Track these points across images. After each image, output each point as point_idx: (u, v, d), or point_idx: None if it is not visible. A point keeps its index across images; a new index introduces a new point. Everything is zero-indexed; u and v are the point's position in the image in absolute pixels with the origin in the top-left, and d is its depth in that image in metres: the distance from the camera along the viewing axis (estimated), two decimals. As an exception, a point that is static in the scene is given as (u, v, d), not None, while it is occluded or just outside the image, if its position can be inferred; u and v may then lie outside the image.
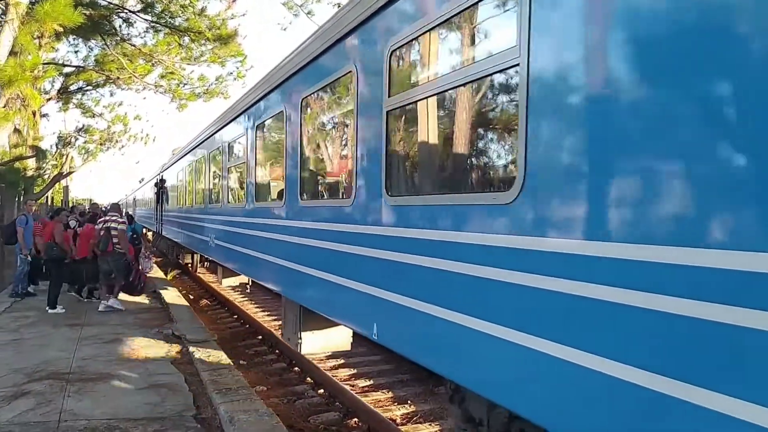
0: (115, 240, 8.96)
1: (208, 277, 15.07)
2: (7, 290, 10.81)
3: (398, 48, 3.44)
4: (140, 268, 10.16)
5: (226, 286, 12.12)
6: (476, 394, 2.93)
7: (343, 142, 4.77)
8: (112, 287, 9.27)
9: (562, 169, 2.24)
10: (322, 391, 6.17)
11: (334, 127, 5.07)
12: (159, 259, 17.42)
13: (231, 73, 17.68)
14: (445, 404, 5.54)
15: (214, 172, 9.69)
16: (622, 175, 2.00)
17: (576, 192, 2.18)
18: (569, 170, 2.21)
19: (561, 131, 2.25)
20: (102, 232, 8.92)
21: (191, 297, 12.62)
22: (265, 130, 6.63)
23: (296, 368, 7.06)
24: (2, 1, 11.29)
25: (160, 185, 16.48)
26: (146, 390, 5.18)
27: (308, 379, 6.62)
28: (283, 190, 5.59)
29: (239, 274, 9.14)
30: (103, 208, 13.40)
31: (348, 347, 5.64)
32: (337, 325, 4.95)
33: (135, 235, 11.69)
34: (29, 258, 9.97)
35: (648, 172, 1.91)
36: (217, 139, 9.40)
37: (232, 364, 6.16)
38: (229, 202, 8.43)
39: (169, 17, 15.44)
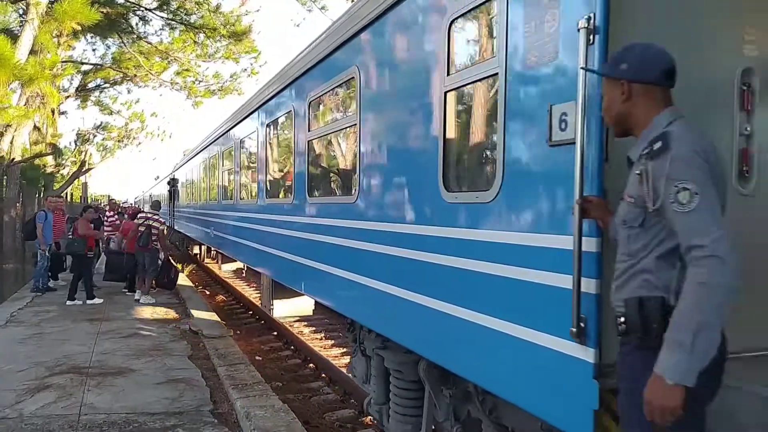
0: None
1: (214, 266, 16.53)
2: (29, 285, 11.03)
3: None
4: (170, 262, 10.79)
5: (225, 270, 15.14)
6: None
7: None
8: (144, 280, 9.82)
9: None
10: (337, 387, 6.19)
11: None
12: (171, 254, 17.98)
13: (245, 70, 17.80)
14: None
15: (216, 172, 11.22)
16: None
17: None
18: None
19: None
20: (143, 229, 9.49)
21: (207, 292, 12.76)
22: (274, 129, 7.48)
23: (311, 365, 7.08)
24: (23, 1, 11.46)
25: (172, 184, 18.17)
26: (164, 384, 5.24)
27: (323, 375, 6.64)
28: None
29: (235, 261, 11.89)
30: (122, 205, 14.01)
31: (310, 312, 7.27)
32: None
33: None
34: (47, 254, 10.13)
35: None
36: (222, 142, 10.71)
37: (247, 359, 6.20)
38: (228, 200, 9.81)
39: (185, 14, 15.56)
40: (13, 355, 6.10)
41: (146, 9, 15.20)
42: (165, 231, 9.97)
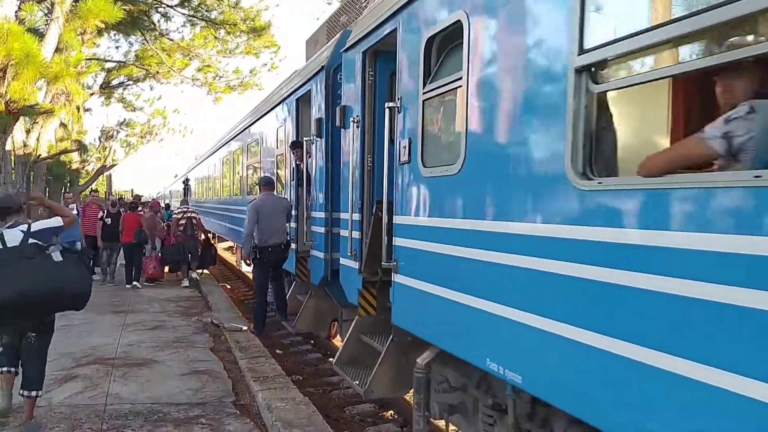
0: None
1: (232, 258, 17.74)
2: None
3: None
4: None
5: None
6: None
7: None
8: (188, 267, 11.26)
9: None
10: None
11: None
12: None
13: (265, 65, 17.87)
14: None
15: (217, 174, 14.25)
16: None
17: None
18: None
19: None
20: (184, 222, 11.01)
21: (228, 286, 12.90)
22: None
23: (331, 359, 7.09)
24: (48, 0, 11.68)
25: (186, 183, 21.41)
26: (187, 376, 5.30)
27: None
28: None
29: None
30: (143, 200, 14.63)
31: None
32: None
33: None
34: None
35: None
36: (229, 148, 12.86)
37: (268, 352, 6.24)
38: (236, 195, 11.94)
39: (205, 10, 15.69)
40: (41, 346, 6.25)
41: (168, 6, 15.38)
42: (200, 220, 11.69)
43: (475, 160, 2.96)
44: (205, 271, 11.83)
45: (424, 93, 3.49)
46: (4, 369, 4.00)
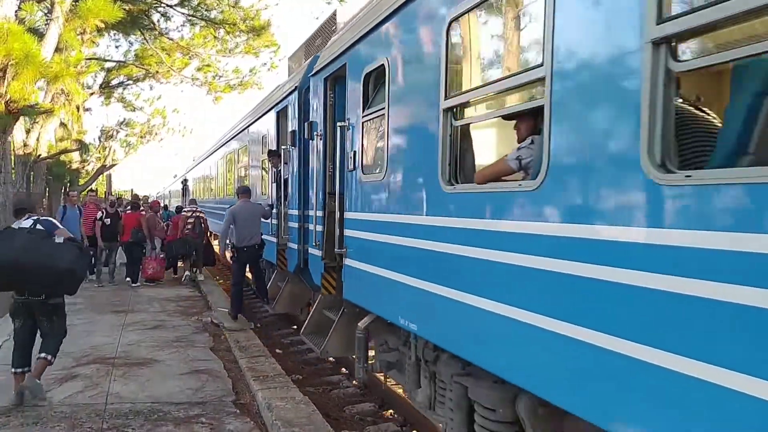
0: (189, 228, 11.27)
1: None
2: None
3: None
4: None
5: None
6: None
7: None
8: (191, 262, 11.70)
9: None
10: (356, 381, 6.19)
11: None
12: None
13: (265, 64, 17.87)
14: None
15: (212, 175, 15.24)
16: None
17: None
18: None
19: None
20: (192, 221, 11.30)
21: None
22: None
23: (330, 358, 7.11)
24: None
25: (184, 183, 23.00)
26: (187, 375, 5.32)
27: (343, 369, 6.65)
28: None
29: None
30: (142, 200, 14.70)
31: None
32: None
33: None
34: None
35: None
36: (223, 151, 13.73)
37: (268, 352, 6.25)
38: (229, 195, 12.62)
39: (205, 10, 15.68)
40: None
41: (167, 5, 15.37)
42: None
43: (391, 169, 3.92)
44: (200, 275, 11.61)
45: (363, 116, 4.41)
46: (18, 370, 4.54)
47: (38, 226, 4.46)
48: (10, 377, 4.58)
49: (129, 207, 12.00)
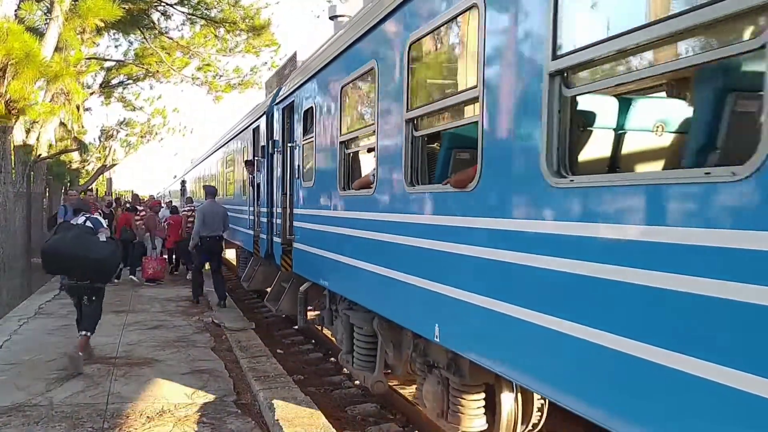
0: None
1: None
2: (56, 278, 11.25)
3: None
4: None
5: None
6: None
7: None
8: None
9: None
10: (358, 382, 6.17)
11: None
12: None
13: (265, 63, 17.83)
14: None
15: (207, 178, 17.40)
16: None
17: None
18: None
19: None
20: (193, 218, 11.31)
21: (228, 286, 12.90)
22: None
23: (332, 359, 7.09)
24: (47, -1, 11.67)
25: (183, 184, 25.06)
26: (188, 375, 5.30)
27: (344, 369, 6.63)
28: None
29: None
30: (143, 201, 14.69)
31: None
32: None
33: None
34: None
35: None
36: (214, 158, 15.80)
37: (269, 352, 6.23)
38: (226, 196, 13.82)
39: (205, 9, 15.65)
40: (42, 346, 6.25)
41: (167, 4, 15.34)
42: None
43: (317, 179, 5.61)
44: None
45: (303, 140, 6.22)
46: (82, 333, 5.60)
47: (87, 223, 5.55)
48: (10, 377, 4.56)
49: (127, 207, 12.10)
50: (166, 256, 11.74)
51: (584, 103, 2.55)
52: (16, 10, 10.89)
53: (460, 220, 3.08)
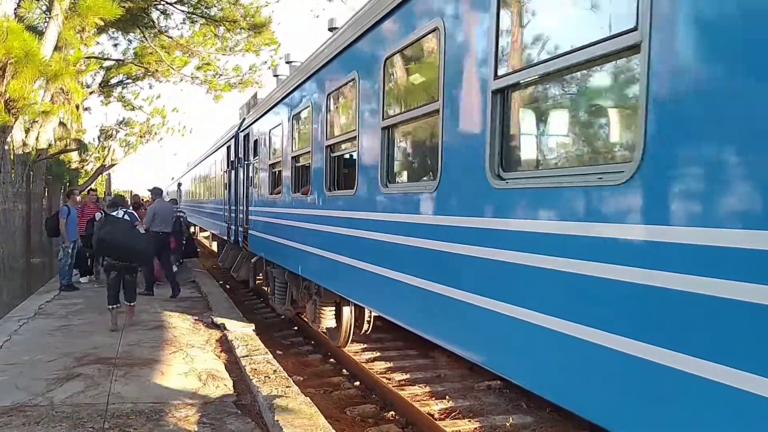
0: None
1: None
2: (56, 278, 11.24)
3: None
4: None
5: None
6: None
7: None
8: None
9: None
10: (358, 383, 6.18)
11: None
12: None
13: (265, 62, 17.80)
14: (485, 399, 5.48)
15: (197, 182, 21.27)
16: None
17: None
18: None
19: None
20: (174, 219, 12.00)
21: (228, 287, 12.90)
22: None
23: (332, 360, 7.10)
24: (47, -2, 11.64)
25: (179, 186, 28.92)
26: (188, 376, 5.30)
27: (344, 371, 6.64)
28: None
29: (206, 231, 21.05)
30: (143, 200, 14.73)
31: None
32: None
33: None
34: (71, 250, 9.92)
35: None
36: (201, 166, 19.50)
37: (269, 353, 6.23)
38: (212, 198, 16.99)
39: (205, 7, 15.63)
40: (42, 346, 6.24)
41: (167, 3, 15.33)
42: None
43: (260, 187, 8.73)
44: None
45: (254, 160, 9.35)
46: (111, 306, 7.03)
47: (125, 217, 6.96)
48: (10, 377, 4.57)
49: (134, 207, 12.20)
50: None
51: (518, 115, 3.08)
52: (15, 9, 10.87)
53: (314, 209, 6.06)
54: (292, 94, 7.02)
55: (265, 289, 9.91)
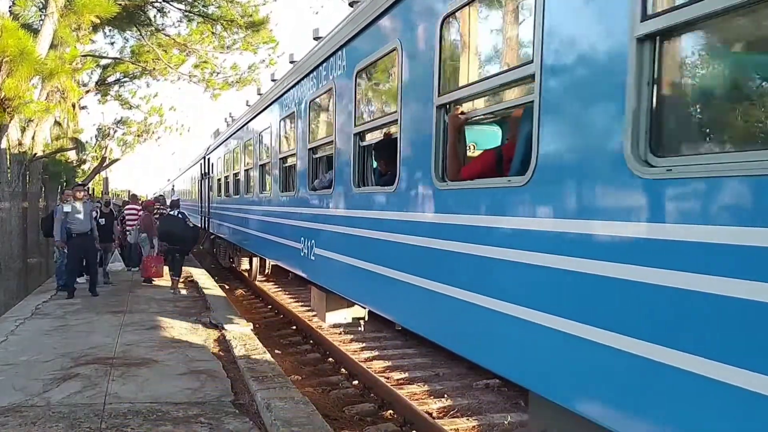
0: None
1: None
2: (53, 278, 11.20)
3: None
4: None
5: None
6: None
7: None
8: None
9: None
10: (356, 382, 6.17)
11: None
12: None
13: (263, 61, 17.74)
14: (483, 398, 5.47)
15: (187, 185, 26.17)
16: None
17: None
18: None
19: None
20: (158, 216, 12.51)
21: (227, 286, 12.88)
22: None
23: (330, 359, 7.09)
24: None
25: (172, 188, 33.65)
26: (186, 375, 5.28)
27: (342, 370, 6.63)
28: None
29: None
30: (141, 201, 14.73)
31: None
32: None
33: None
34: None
35: None
36: (187, 173, 25.28)
37: (267, 352, 6.21)
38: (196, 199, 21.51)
39: (202, 5, 15.56)
40: (39, 346, 6.22)
41: (164, 1, 15.26)
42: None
43: (216, 191, 14.94)
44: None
45: (212, 175, 15.82)
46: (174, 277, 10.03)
47: (179, 215, 9.81)
48: (7, 378, 4.56)
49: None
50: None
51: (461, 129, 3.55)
52: (10, 7, 10.82)
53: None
54: (232, 136, 12.35)
55: (214, 251, 16.58)
